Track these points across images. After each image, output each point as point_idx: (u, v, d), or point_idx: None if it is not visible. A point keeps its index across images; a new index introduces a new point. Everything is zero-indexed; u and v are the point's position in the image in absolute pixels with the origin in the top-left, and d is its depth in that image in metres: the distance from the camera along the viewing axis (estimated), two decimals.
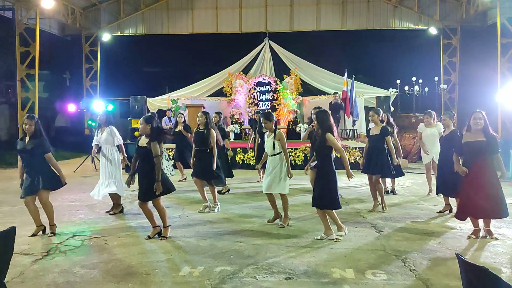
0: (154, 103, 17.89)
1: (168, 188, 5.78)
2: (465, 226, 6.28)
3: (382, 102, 14.10)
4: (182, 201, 8.29)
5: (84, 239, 5.81)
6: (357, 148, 13.05)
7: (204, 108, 16.46)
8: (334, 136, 5.54)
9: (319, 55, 19.69)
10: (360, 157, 12.90)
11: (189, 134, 10.68)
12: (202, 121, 7.35)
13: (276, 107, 17.53)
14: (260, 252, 5.18)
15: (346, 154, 12.64)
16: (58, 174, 5.97)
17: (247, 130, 17.07)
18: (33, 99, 15.15)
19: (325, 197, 5.57)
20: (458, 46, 18.60)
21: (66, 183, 6.07)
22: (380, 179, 7.57)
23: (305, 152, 12.99)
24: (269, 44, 18.76)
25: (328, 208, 5.65)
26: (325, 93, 18.23)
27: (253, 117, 12.07)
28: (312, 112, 6.99)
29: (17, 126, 15.15)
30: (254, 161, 11.61)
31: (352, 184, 10.28)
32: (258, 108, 17.67)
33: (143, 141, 5.75)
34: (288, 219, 6.47)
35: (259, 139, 9.40)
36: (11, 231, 2.82)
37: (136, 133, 13.29)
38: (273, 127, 6.40)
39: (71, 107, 13.75)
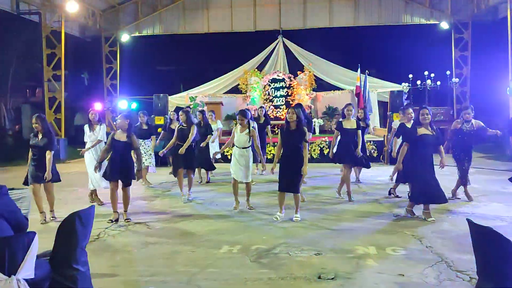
0: (172, 101, 18.45)
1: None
2: (476, 211, 6.77)
3: (396, 96, 14.36)
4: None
5: (128, 225, 6.40)
6: (371, 142, 13.42)
7: (222, 104, 17.06)
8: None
9: (332, 51, 20.11)
10: (374, 150, 13.35)
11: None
12: (183, 119, 7.97)
13: (291, 102, 18.03)
14: (288, 234, 5.74)
15: None
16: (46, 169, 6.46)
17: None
18: (60, 99, 15.85)
19: (296, 183, 6.36)
20: (470, 40, 18.87)
21: (49, 180, 6.49)
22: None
23: (321, 146, 13.47)
24: (283, 41, 19.27)
25: (297, 192, 6.41)
26: (338, 88, 18.67)
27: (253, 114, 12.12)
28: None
29: None
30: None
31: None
32: (273, 104, 18.24)
33: (119, 136, 6.51)
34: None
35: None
36: (92, 208, 3.40)
37: (159, 130, 13.89)
38: (247, 123, 7.13)
39: (98, 106, 14.46)
